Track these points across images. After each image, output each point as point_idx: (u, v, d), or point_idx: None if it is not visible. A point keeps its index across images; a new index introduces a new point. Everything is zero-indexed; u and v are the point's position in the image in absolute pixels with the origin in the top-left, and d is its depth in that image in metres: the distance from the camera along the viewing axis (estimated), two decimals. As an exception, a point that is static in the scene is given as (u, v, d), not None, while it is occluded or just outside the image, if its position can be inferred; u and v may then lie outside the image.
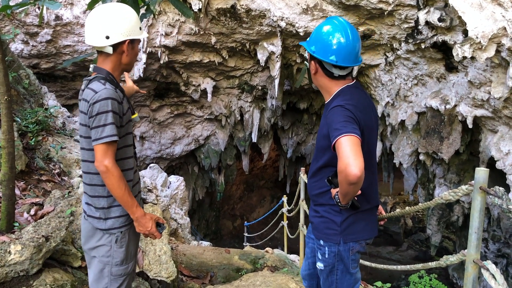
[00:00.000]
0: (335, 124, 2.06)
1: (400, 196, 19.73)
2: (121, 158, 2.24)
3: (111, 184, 2.09)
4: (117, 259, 2.26)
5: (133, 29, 2.20)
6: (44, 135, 4.64)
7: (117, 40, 2.15)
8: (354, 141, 1.97)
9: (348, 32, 2.21)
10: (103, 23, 2.14)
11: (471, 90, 6.43)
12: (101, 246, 2.25)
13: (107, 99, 2.07)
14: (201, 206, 15.67)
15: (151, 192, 5.32)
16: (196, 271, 4.77)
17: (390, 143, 9.87)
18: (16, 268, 2.78)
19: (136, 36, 2.22)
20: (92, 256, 2.29)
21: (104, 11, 2.16)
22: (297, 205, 5.29)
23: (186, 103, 11.29)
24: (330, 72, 2.27)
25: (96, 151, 2.08)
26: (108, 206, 2.23)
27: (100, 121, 2.06)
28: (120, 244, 2.25)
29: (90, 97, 2.09)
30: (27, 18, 7.42)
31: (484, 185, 1.98)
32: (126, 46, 2.20)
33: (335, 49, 2.20)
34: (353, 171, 1.90)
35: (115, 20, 2.15)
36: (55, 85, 9.30)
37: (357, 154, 1.94)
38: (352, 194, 2.10)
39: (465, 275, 2.08)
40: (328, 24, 2.26)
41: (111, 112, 2.08)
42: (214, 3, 7.24)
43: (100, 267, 2.26)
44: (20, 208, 3.45)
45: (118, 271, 2.27)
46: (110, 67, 2.23)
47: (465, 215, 9.27)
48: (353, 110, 2.12)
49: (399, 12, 6.24)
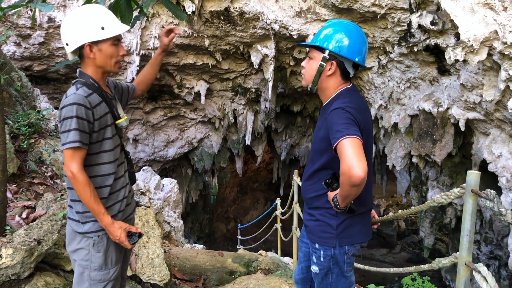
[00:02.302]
0: (337, 126, 2.05)
1: (393, 198, 19.79)
2: (96, 163, 2.22)
3: (76, 190, 2.09)
4: (95, 264, 2.24)
5: (90, 31, 2.13)
6: (37, 137, 4.61)
7: (75, 46, 2.15)
8: (357, 143, 1.97)
9: (363, 34, 2.27)
10: (64, 31, 2.17)
11: (463, 93, 6.47)
12: (80, 250, 2.24)
13: (73, 105, 2.06)
14: (194, 209, 15.64)
15: (144, 195, 5.30)
16: (189, 274, 4.75)
17: (383, 146, 9.90)
18: (7, 272, 2.75)
19: (95, 37, 2.14)
20: (74, 259, 2.28)
21: (67, 18, 2.19)
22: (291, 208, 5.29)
23: (179, 105, 11.27)
24: (347, 73, 2.27)
25: (64, 157, 2.08)
26: (84, 211, 2.21)
27: (66, 127, 2.06)
28: (97, 249, 2.23)
29: (62, 102, 2.11)
30: (20, 20, 7.38)
31: (476, 188, 1.99)
32: (87, 49, 2.16)
33: (360, 49, 2.23)
34: (357, 173, 1.90)
35: (71, 26, 2.15)
36: (48, 87, 9.26)
37: (361, 156, 1.94)
38: (353, 197, 2.09)
39: (457, 278, 2.09)
40: (348, 25, 2.27)
41: (75, 118, 2.05)
42: (208, 5, 7.24)
43: (80, 270, 2.25)
44: (11, 211, 3.42)
45: (96, 276, 2.25)
46: (89, 71, 2.23)
47: (457, 218, 9.31)
48: (354, 113, 2.11)
49: (391, 15, 6.27)
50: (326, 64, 2.25)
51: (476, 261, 2.00)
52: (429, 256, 10.98)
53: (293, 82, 10.03)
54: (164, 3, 2.66)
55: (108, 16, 2.21)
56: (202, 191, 14.82)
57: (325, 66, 2.25)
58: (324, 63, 2.25)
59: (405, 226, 18.16)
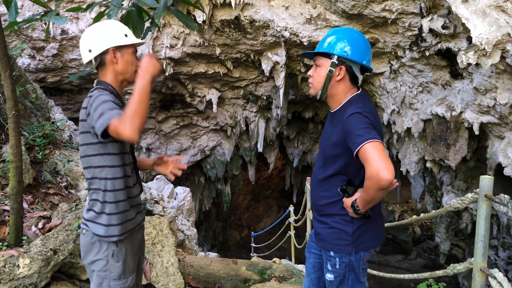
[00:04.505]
0: (357, 131, 2.05)
1: (407, 204, 19.59)
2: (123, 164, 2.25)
3: (138, 108, 1.93)
4: (114, 274, 2.25)
5: (115, 37, 2.21)
6: (51, 148, 4.67)
7: (99, 51, 2.19)
8: (380, 146, 1.97)
9: (366, 39, 2.31)
10: (86, 39, 2.23)
11: (477, 97, 6.41)
12: (98, 261, 2.24)
13: (102, 95, 2.09)
14: (208, 217, 15.65)
15: (158, 203, 5.32)
16: (203, 282, 4.75)
17: (396, 151, 9.84)
18: (24, 281, 2.78)
19: (120, 42, 2.22)
20: (92, 270, 2.29)
21: (89, 29, 2.27)
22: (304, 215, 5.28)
23: (191, 114, 11.33)
24: (355, 78, 2.29)
25: (112, 133, 1.97)
26: (109, 213, 2.22)
27: (102, 110, 2.00)
28: (116, 259, 2.24)
29: (86, 102, 2.13)
30: (34, 33, 7.51)
31: (489, 193, 1.97)
32: (112, 54, 2.21)
33: (365, 53, 2.25)
34: (386, 176, 1.90)
35: (95, 33, 2.23)
36: (62, 98, 9.38)
37: (387, 159, 1.95)
38: (377, 201, 2.10)
39: (473, 284, 2.07)
40: (351, 31, 2.30)
41: (110, 102, 2.05)
42: (218, 14, 7.30)
43: (98, 281, 2.26)
44: (28, 221, 3.47)
45: (116, 286, 2.26)
46: (108, 79, 2.26)
47: (473, 223, 9.18)
48: (370, 118, 2.13)
49: (402, 20, 6.26)
50: (335, 69, 2.26)
51: (493, 267, 1.98)
52: (445, 262, 10.83)
53: (304, 88, 10.03)
54: (175, 13, 2.70)
55: (127, 28, 2.32)
56: (215, 199, 14.83)
57: (334, 72, 2.26)
58: (333, 68, 2.25)
59: (420, 232, 17.96)
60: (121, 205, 2.25)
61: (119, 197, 2.24)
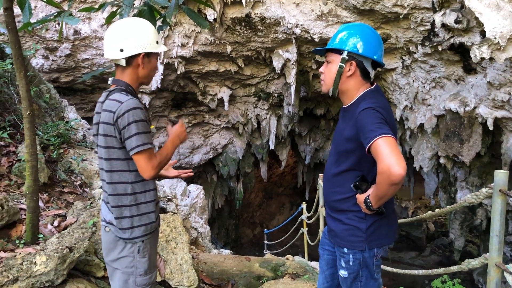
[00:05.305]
0: (370, 126, 2.04)
1: (421, 200, 19.43)
2: None
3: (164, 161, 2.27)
4: (141, 269, 2.27)
5: (148, 43, 2.20)
6: (66, 147, 4.72)
7: (131, 53, 2.17)
8: (392, 142, 1.96)
9: (378, 34, 2.29)
10: (119, 37, 2.18)
11: (491, 92, 6.34)
12: (123, 258, 2.25)
13: (137, 109, 2.10)
14: (220, 215, 15.70)
15: (171, 201, 5.36)
16: (217, 279, 4.77)
17: (409, 147, 9.77)
18: (41, 278, 2.82)
19: (152, 49, 2.22)
20: (115, 268, 2.29)
21: (121, 25, 2.20)
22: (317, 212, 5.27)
23: (203, 112, 11.37)
24: (367, 73, 2.27)
25: (138, 160, 2.13)
26: (131, 215, 2.24)
27: (138, 129, 2.10)
28: (142, 254, 2.26)
29: (116, 107, 2.09)
30: (47, 34, 7.60)
31: (504, 188, 1.96)
32: (141, 59, 2.21)
33: (377, 48, 2.24)
34: (398, 171, 1.89)
35: (130, 33, 2.18)
36: (75, 98, 9.48)
37: (399, 154, 1.93)
38: (389, 196, 2.08)
39: (488, 279, 2.06)
40: (362, 26, 2.30)
41: (144, 122, 2.13)
42: (229, 12, 7.31)
43: (124, 278, 2.27)
44: (44, 219, 3.52)
45: (142, 281, 2.28)
46: (128, 79, 2.25)
47: (488, 219, 9.09)
48: (383, 113, 2.11)
49: (414, 15, 6.21)
50: (346, 65, 2.25)
51: (509, 263, 1.96)
52: (460, 259, 10.73)
53: (316, 85, 10.01)
54: (186, 12, 2.71)
55: (157, 33, 2.33)
56: (227, 196, 14.88)
57: (345, 67, 2.25)
58: (344, 64, 2.24)
59: (434, 229, 17.80)
60: (144, 207, 2.27)
61: (141, 199, 2.26)
